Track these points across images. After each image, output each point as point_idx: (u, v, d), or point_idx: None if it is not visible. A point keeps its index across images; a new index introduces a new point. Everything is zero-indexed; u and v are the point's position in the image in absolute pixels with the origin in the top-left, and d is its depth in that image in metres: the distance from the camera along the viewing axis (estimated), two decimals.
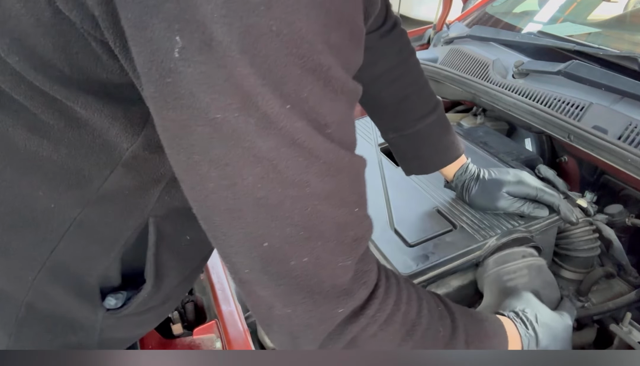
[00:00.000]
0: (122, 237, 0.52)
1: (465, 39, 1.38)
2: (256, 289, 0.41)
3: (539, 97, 1.05)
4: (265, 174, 0.36)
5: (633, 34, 1.43)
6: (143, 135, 0.45)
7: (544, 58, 1.13)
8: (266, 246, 0.38)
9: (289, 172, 0.36)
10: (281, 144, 0.35)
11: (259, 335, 0.84)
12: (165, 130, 0.37)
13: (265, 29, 0.32)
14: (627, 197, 1.02)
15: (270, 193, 0.37)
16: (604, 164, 0.92)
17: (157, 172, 0.48)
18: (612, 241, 0.89)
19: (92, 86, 0.42)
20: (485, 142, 1.12)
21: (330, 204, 0.39)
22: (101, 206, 0.49)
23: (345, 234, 0.41)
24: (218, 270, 0.88)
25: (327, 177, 0.38)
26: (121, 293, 0.55)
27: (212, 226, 0.39)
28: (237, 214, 0.37)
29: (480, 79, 1.20)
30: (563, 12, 1.51)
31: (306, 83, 0.35)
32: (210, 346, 0.79)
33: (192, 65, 0.32)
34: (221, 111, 0.34)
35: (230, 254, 0.40)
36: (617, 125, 0.89)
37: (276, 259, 0.39)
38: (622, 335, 0.75)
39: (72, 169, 0.46)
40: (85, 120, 0.43)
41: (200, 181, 0.37)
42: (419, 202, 0.93)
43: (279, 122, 0.35)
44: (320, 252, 0.40)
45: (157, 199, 0.50)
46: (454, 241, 0.83)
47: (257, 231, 0.38)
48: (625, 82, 0.92)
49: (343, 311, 0.42)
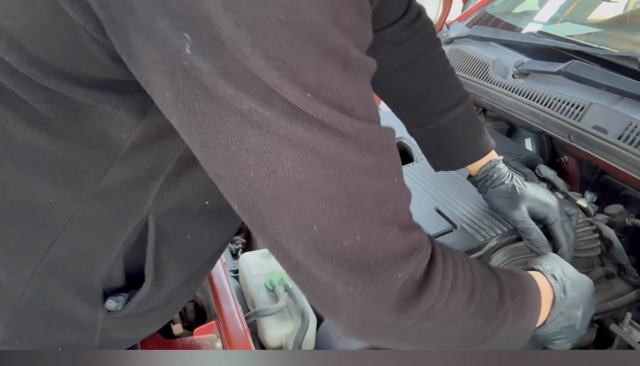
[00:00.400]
0: (123, 234, 0.52)
1: (465, 39, 1.38)
2: (314, 272, 0.41)
3: (539, 97, 1.05)
4: (304, 157, 0.36)
5: (633, 34, 1.43)
6: (142, 124, 0.45)
7: (544, 58, 1.13)
8: (316, 229, 0.38)
9: (326, 153, 0.36)
10: (312, 128, 0.35)
11: (259, 335, 0.84)
12: (197, 128, 0.36)
13: (273, 20, 0.32)
14: (627, 197, 1.02)
15: (312, 176, 0.37)
16: (604, 164, 0.92)
17: (155, 166, 0.48)
18: (612, 241, 0.89)
19: (90, 81, 0.41)
20: None
21: (373, 178, 0.39)
22: (100, 201, 0.49)
23: (388, 205, 0.42)
24: (218, 270, 0.88)
25: (364, 153, 0.38)
26: (122, 295, 0.55)
27: (258, 216, 0.39)
28: (282, 200, 0.37)
29: (480, 79, 1.20)
30: (563, 12, 1.51)
31: (326, 69, 0.35)
32: (210, 346, 0.79)
33: (207, 60, 0.32)
34: (246, 102, 0.34)
35: (281, 242, 0.40)
36: (617, 125, 0.88)
37: (328, 240, 0.39)
38: (622, 335, 0.75)
39: (70, 163, 0.46)
40: (84, 113, 0.43)
41: (241, 172, 0.37)
42: (419, 202, 0.93)
43: (303, 110, 0.35)
44: (370, 227, 0.40)
45: (156, 196, 0.50)
46: (454, 241, 0.83)
47: (305, 216, 0.38)
48: (625, 82, 0.92)
49: (402, 276, 0.42)
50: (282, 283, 0.87)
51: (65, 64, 0.40)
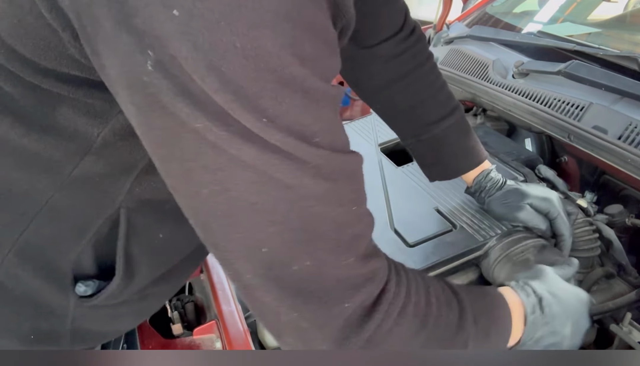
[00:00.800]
0: (93, 225, 0.52)
1: (465, 39, 1.38)
2: (259, 295, 0.41)
3: (539, 97, 1.05)
4: (257, 178, 0.36)
5: (633, 34, 1.43)
6: (114, 121, 0.45)
7: (544, 58, 1.13)
8: (265, 251, 0.38)
9: (280, 177, 0.36)
10: (266, 151, 0.35)
11: (259, 335, 0.84)
12: (155, 142, 0.37)
13: (229, 46, 0.32)
14: (627, 197, 1.02)
15: (263, 198, 0.37)
16: (604, 164, 0.92)
17: (128, 161, 0.49)
18: (612, 241, 0.89)
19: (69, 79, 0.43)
20: (485, 142, 1.11)
21: (327, 205, 0.39)
22: (72, 191, 0.49)
23: (344, 233, 0.41)
24: (218, 270, 0.88)
25: (320, 180, 0.38)
26: (92, 281, 0.56)
27: (210, 233, 0.40)
28: (234, 220, 0.37)
29: (480, 79, 1.20)
30: (563, 12, 1.51)
31: (283, 96, 0.35)
32: (210, 346, 0.79)
33: (167, 77, 0.33)
34: (201, 121, 0.34)
35: (231, 260, 0.40)
36: (617, 125, 0.88)
37: (277, 263, 0.39)
38: (622, 335, 0.75)
39: (44, 154, 0.47)
40: (60, 107, 0.44)
41: (194, 188, 0.37)
42: (419, 202, 0.93)
43: (258, 134, 0.35)
44: (321, 254, 0.40)
45: (128, 190, 0.51)
46: (454, 241, 0.83)
47: (255, 236, 0.38)
48: (625, 82, 0.92)
49: (349, 306, 0.42)
50: None
51: (46, 63, 0.41)
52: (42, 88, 0.43)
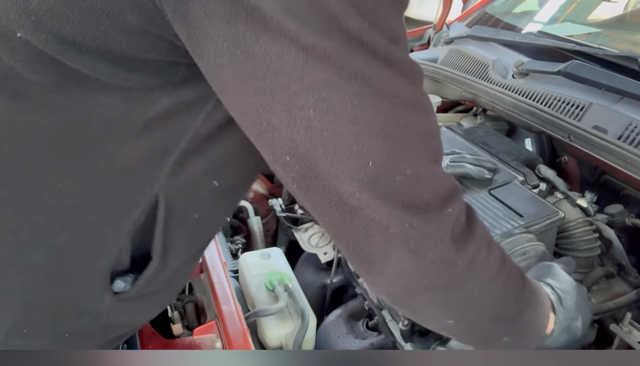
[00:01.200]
0: (133, 214, 0.52)
1: (465, 39, 1.38)
2: (369, 213, 0.41)
3: (539, 97, 1.05)
4: (360, 89, 0.38)
5: (633, 34, 1.43)
6: (159, 103, 0.45)
7: (544, 58, 1.13)
8: (371, 165, 0.39)
9: (379, 86, 0.38)
10: (368, 58, 0.38)
11: (259, 335, 0.84)
12: (255, 74, 0.37)
13: None
14: (627, 197, 1.02)
15: (367, 109, 0.38)
16: (604, 164, 0.92)
17: (169, 143, 0.49)
18: (612, 241, 0.89)
19: (116, 59, 0.42)
20: (485, 142, 1.11)
21: (417, 113, 0.42)
22: (111, 182, 0.49)
23: (432, 143, 0.44)
24: (218, 270, 0.88)
25: (410, 85, 0.41)
26: (129, 275, 0.55)
27: (312, 162, 0.40)
28: (339, 138, 0.38)
29: (480, 79, 1.20)
30: (563, 12, 1.51)
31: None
32: (210, 346, 0.79)
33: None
34: (310, 36, 0.36)
35: (337, 185, 0.40)
36: (617, 125, 0.88)
37: (382, 177, 0.40)
38: (622, 335, 0.75)
39: (81, 146, 0.46)
40: (101, 91, 0.44)
41: (299, 113, 0.38)
42: None
43: (362, 39, 0.37)
44: (418, 163, 0.42)
45: (167, 174, 0.50)
46: None
47: (362, 151, 0.39)
48: (625, 82, 0.92)
49: (452, 212, 0.44)
50: (282, 283, 0.87)
51: (92, 43, 0.41)
52: (82, 73, 0.42)
